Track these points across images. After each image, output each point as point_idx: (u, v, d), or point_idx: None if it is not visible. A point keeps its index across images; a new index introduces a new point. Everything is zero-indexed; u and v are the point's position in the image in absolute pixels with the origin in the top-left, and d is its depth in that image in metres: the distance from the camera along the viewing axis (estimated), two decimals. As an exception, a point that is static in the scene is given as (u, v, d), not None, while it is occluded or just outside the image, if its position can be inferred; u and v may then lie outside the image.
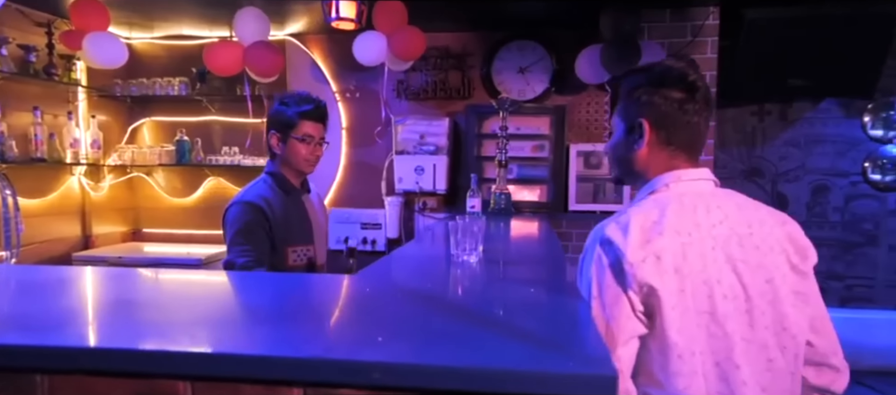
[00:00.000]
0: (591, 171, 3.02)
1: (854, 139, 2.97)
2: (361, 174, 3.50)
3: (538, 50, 3.23)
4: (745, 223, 0.95)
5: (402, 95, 3.40)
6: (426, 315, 0.81)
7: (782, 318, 0.93)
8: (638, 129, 1.03)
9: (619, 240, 0.93)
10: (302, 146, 1.68)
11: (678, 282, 0.90)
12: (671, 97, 1.00)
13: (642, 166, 1.05)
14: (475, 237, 1.30)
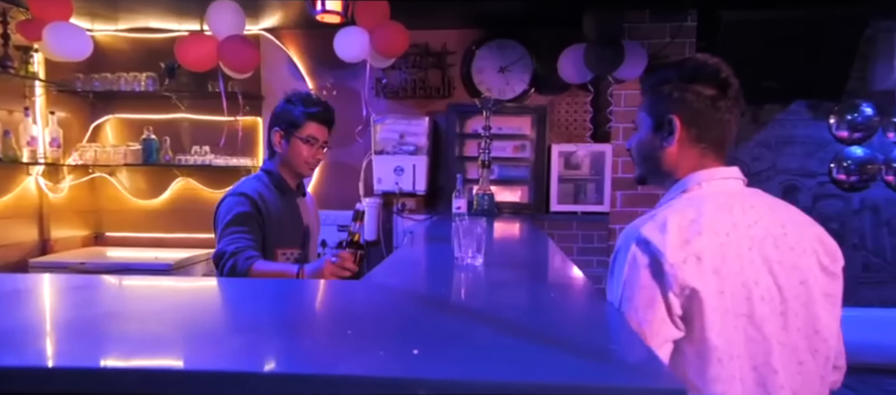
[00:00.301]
0: (572, 171, 3.03)
1: (822, 140, 3.08)
2: (338, 175, 3.42)
3: (518, 49, 3.22)
4: (778, 224, 0.94)
5: (381, 93, 3.34)
6: (454, 324, 0.77)
7: (814, 320, 0.92)
8: (667, 125, 1.00)
9: (658, 240, 0.90)
10: (305, 147, 1.64)
11: (717, 283, 0.88)
12: (703, 94, 0.97)
13: (671, 164, 1.02)
14: (479, 240, 1.27)
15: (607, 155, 2.88)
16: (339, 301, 0.92)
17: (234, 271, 1.40)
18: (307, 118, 1.63)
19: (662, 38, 2.82)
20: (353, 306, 0.89)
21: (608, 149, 2.87)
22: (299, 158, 1.66)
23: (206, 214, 3.48)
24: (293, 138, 1.63)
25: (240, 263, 1.40)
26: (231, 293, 1.02)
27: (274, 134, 1.65)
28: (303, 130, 1.63)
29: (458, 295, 1.02)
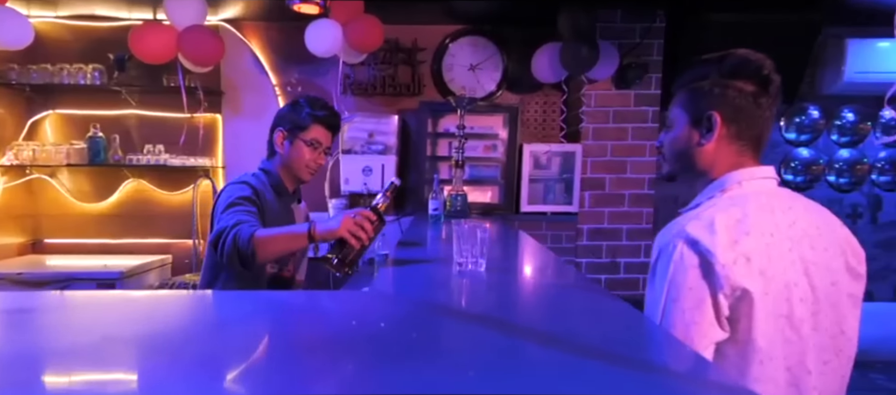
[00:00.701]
0: (541, 171, 3.04)
1: (773, 141, 3.23)
2: (304, 174, 3.29)
3: (489, 47, 3.21)
4: (813, 225, 0.95)
5: (349, 90, 3.24)
6: (496, 340, 0.73)
7: (841, 320, 0.94)
8: (707, 122, 0.99)
9: (707, 240, 0.88)
10: (308, 150, 1.59)
11: (763, 285, 0.88)
12: (745, 90, 0.96)
13: (707, 162, 1.00)
14: (482, 245, 1.23)
15: (577, 155, 2.91)
16: (365, 316, 0.86)
17: (237, 242, 1.29)
18: (314, 121, 1.58)
19: (632, 38, 2.88)
20: (378, 319, 0.83)
21: (578, 149, 2.90)
22: (301, 161, 1.61)
23: (160, 217, 3.31)
24: (297, 140, 1.59)
25: (242, 231, 1.30)
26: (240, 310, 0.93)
27: (276, 134, 1.60)
28: (308, 132, 1.58)
29: (481, 306, 0.97)
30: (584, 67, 2.58)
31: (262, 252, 1.29)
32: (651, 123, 2.93)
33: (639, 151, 2.93)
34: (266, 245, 1.29)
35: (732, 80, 0.97)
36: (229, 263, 1.31)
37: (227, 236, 1.32)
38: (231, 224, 1.34)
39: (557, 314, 0.91)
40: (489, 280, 1.12)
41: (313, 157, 1.62)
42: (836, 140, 3.23)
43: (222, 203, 1.46)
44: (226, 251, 1.31)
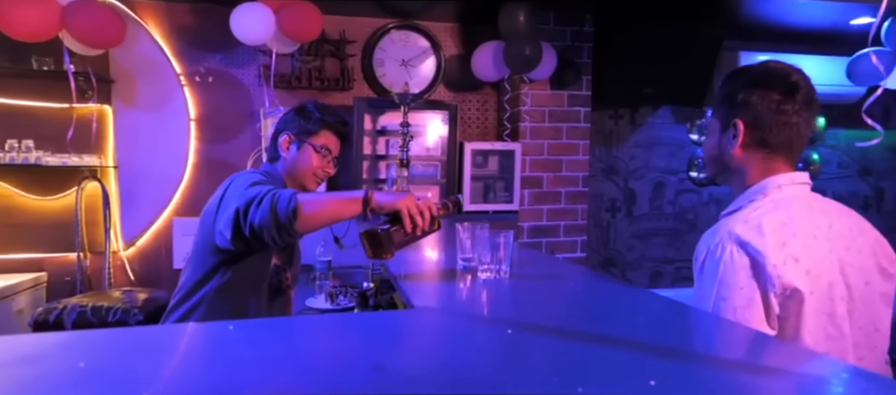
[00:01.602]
0: (480, 170, 3.01)
1: (681, 142, 3.53)
2: (218, 175, 2.88)
3: (421, 42, 3.11)
4: (847, 227, 1.00)
5: (269, 82, 2.94)
6: (606, 354, 0.65)
7: (876, 318, 0.99)
8: (733, 128, 1.03)
9: (757, 241, 0.91)
10: (316, 157, 1.48)
11: (809, 284, 0.92)
12: (769, 98, 1.00)
13: (738, 166, 1.05)
14: (506, 250, 1.13)
15: (517, 153, 2.92)
16: (440, 339, 0.72)
17: (275, 205, 1.11)
18: (324, 126, 1.49)
19: (564, 41, 2.96)
20: (456, 343, 0.70)
21: (518, 147, 2.91)
22: (308, 168, 1.47)
23: (29, 228, 2.72)
24: (305, 145, 1.46)
25: (282, 193, 1.13)
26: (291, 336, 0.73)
27: (282, 138, 1.49)
28: (317, 137, 1.48)
29: (540, 315, 0.88)
30: (528, 66, 2.58)
31: (305, 217, 1.11)
32: (583, 123, 3.03)
33: (573, 149, 3.02)
34: (311, 208, 1.12)
35: (756, 88, 1.01)
36: (258, 233, 1.11)
37: (263, 198, 1.12)
38: (264, 191, 1.15)
39: (619, 316, 0.87)
40: (526, 287, 1.04)
41: (321, 164, 1.49)
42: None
43: (242, 183, 1.26)
44: (258, 218, 1.11)
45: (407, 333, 0.73)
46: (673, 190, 3.52)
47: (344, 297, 2.11)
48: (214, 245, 1.29)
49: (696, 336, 0.74)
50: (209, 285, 1.34)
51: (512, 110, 2.94)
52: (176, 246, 2.85)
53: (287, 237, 1.13)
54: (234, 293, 1.35)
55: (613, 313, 0.92)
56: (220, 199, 1.29)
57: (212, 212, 1.31)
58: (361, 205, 1.15)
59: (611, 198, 3.41)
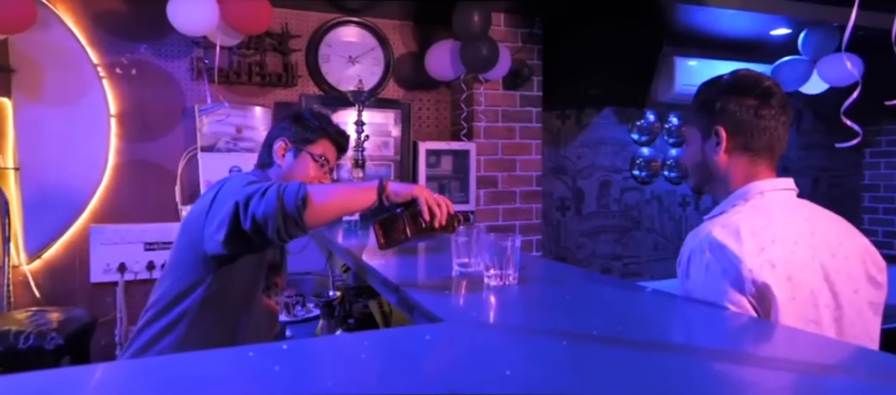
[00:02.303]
0: (435, 170, 2.93)
1: (624, 141, 3.63)
2: (142, 177, 2.63)
3: (369, 39, 2.98)
4: (833, 234, 1.00)
5: (203, 77, 2.68)
6: (668, 361, 0.61)
7: (867, 327, 0.99)
8: (715, 135, 1.04)
9: (734, 245, 0.91)
10: (313, 166, 1.39)
11: (790, 290, 0.91)
12: (746, 104, 1.01)
13: (722, 173, 1.06)
14: (514, 255, 1.05)
15: (472, 153, 2.86)
16: (483, 357, 0.63)
17: (282, 196, 1.01)
18: (323, 135, 1.42)
19: (515, 42, 2.94)
20: (499, 360, 0.61)
21: (473, 147, 2.86)
22: (304, 177, 1.38)
23: None
24: (303, 153, 1.38)
25: (289, 184, 1.03)
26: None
27: (277, 144, 1.40)
28: (316, 146, 1.40)
29: (588, 325, 0.81)
30: (485, 65, 2.54)
31: (316, 208, 1.02)
32: (535, 123, 3.03)
33: (526, 149, 3.01)
34: (322, 197, 1.03)
35: (734, 95, 1.03)
36: (261, 226, 1.01)
37: (268, 189, 1.02)
38: (268, 184, 1.05)
39: (656, 321, 0.85)
40: (543, 294, 0.98)
41: (318, 174, 1.40)
42: (670, 141, 3.77)
43: (239, 182, 1.13)
44: (262, 209, 1.00)
45: (459, 351, 0.63)
46: (618, 188, 3.61)
47: (302, 308, 1.94)
48: (202, 253, 1.15)
49: (746, 339, 0.70)
50: (193, 297, 1.17)
51: (468, 110, 2.87)
52: (93, 257, 2.53)
53: (294, 230, 1.01)
54: (221, 307, 1.19)
55: (651, 317, 0.89)
56: (210, 201, 1.16)
57: (199, 216, 1.16)
58: (376, 194, 1.08)
59: (561, 197, 3.44)
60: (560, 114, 3.45)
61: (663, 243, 3.75)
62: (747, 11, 2.91)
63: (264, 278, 1.29)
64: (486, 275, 1.03)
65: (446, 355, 0.61)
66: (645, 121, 3.67)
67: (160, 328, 1.15)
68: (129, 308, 2.58)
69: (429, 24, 3.01)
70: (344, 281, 1.94)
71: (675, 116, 3.74)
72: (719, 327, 0.81)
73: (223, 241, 1.05)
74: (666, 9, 2.92)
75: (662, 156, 3.73)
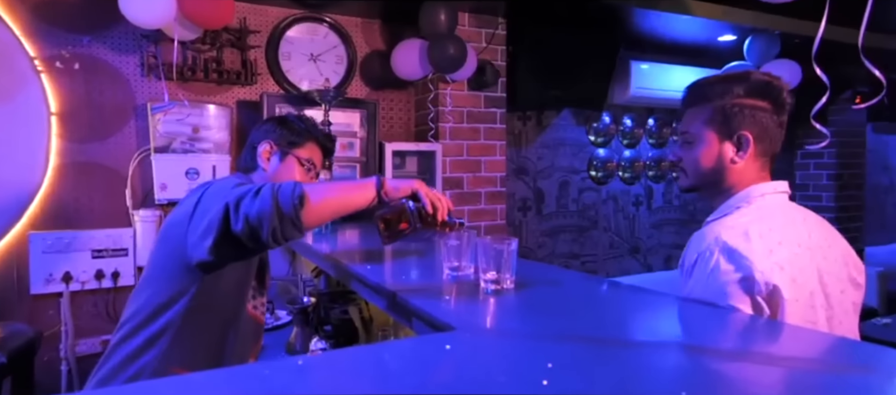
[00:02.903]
0: (400, 171, 2.90)
1: (582, 143, 3.73)
2: (89, 180, 2.46)
3: (331, 37, 2.92)
4: (823, 236, 1.04)
5: (154, 73, 2.54)
6: (699, 364, 0.61)
7: (853, 327, 1.04)
8: (743, 142, 1.03)
9: (744, 248, 0.93)
10: (299, 170, 1.34)
11: (795, 292, 0.94)
12: (770, 109, 1.02)
13: (736, 178, 1.05)
14: (510, 259, 1.05)
15: (438, 154, 2.85)
16: (540, 364, 0.62)
17: (277, 196, 0.96)
18: (310, 138, 1.37)
19: (480, 42, 2.96)
20: (567, 363, 0.61)
21: (439, 148, 2.85)
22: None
23: None
24: (289, 156, 1.32)
25: (284, 184, 0.99)
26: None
27: (262, 147, 1.33)
28: (303, 150, 1.35)
29: (607, 329, 0.82)
30: (455, 66, 2.53)
31: (313, 207, 0.98)
32: (499, 124, 3.06)
33: (491, 150, 3.03)
34: (319, 196, 0.99)
35: (761, 100, 1.03)
36: (254, 228, 0.96)
37: (261, 189, 0.97)
38: (260, 185, 1.00)
39: (667, 322, 0.85)
40: (545, 297, 0.98)
41: (304, 179, 1.35)
42: (624, 142, 3.90)
43: (226, 185, 1.08)
44: (255, 209, 0.95)
45: (487, 361, 0.62)
46: (576, 189, 3.70)
47: (270, 315, 1.87)
48: (185, 261, 1.08)
49: (757, 338, 0.73)
50: (175, 308, 1.09)
51: (435, 110, 2.86)
52: (34, 267, 2.35)
53: (291, 231, 0.97)
54: (207, 319, 1.11)
55: (663, 320, 0.89)
56: (193, 205, 1.08)
57: (181, 222, 1.08)
58: (375, 191, 1.05)
59: (522, 197, 3.49)
60: (521, 115, 3.50)
61: (618, 242, 3.87)
62: (697, 18, 3.05)
63: (251, 287, 1.23)
64: (483, 279, 1.03)
65: (474, 365, 0.60)
66: (601, 123, 3.78)
67: (140, 344, 1.07)
68: (75, 321, 2.41)
69: (394, 22, 2.98)
70: (315, 286, 1.89)
71: (628, 118, 3.87)
72: (732, 327, 0.82)
73: (211, 247, 0.99)
74: (622, 14, 3.02)
75: (617, 157, 3.86)
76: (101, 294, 2.47)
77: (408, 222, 1.04)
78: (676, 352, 0.66)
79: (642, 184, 3.95)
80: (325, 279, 1.91)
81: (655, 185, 4.00)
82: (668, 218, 4.04)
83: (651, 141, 3.98)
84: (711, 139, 1.06)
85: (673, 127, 4.02)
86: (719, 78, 1.08)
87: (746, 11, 3.13)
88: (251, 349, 1.25)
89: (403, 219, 1.04)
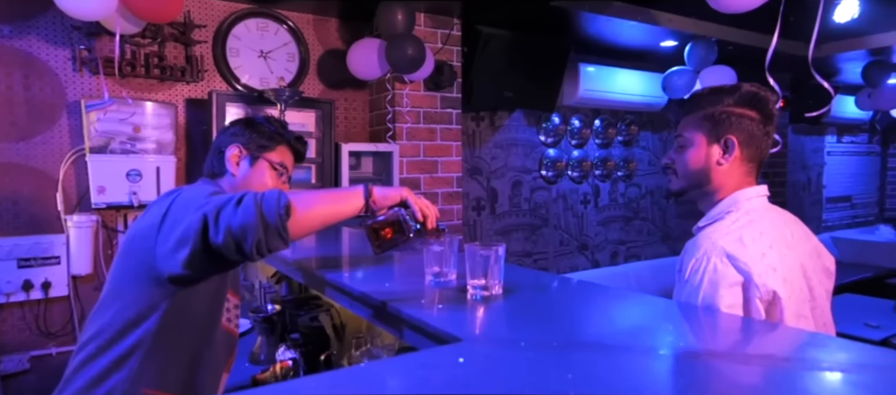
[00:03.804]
0: (357, 173, 2.84)
1: (533, 143, 3.79)
2: (12, 183, 2.25)
3: (282, 34, 2.82)
4: (801, 233, 1.12)
5: (88, 67, 2.36)
6: (714, 368, 0.63)
7: (828, 312, 1.12)
8: (725, 145, 1.09)
9: (741, 253, 0.98)
10: (271, 175, 1.27)
11: (786, 290, 1.00)
12: (757, 119, 1.09)
13: (720, 181, 1.11)
14: (499, 265, 1.04)
15: (395, 155, 2.82)
16: (563, 375, 0.62)
17: (262, 206, 0.91)
18: (281, 141, 1.29)
19: (436, 42, 2.95)
20: (595, 374, 0.61)
21: (396, 148, 2.82)
22: (262, 186, 1.24)
23: None
24: (260, 161, 1.25)
25: (267, 193, 0.93)
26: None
27: (231, 151, 1.24)
28: (274, 153, 1.27)
29: (615, 336, 0.83)
30: (414, 66, 2.51)
31: (300, 217, 0.93)
32: (455, 125, 3.06)
33: (447, 151, 3.03)
34: (305, 205, 0.95)
35: (748, 109, 1.10)
36: (238, 239, 0.89)
37: (242, 199, 0.90)
38: (241, 194, 0.93)
39: (661, 326, 0.86)
40: (539, 303, 0.98)
41: (277, 184, 1.27)
42: (573, 143, 4.01)
43: (198, 194, 0.99)
44: (238, 220, 0.89)
45: (510, 374, 0.60)
46: (528, 188, 3.77)
47: (228, 325, 1.78)
48: (155, 276, 0.99)
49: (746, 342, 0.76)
50: (145, 326, 1.00)
51: (393, 111, 2.83)
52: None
53: (276, 242, 0.91)
54: (180, 336, 1.03)
55: (661, 324, 0.91)
56: (162, 216, 0.99)
57: (148, 234, 0.99)
58: (363, 201, 1.01)
59: (476, 197, 3.52)
60: (475, 116, 3.52)
61: (568, 239, 3.98)
62: (641, 23, 3.17)
63: (226, 299, 1.16)
64: (472, 285, 1.02)
65: (498, 377, 0.59)
66: (551, 123, 3.87)
67: (107, 365, 0.98)
68: (0, 336, 2.20)
69: (348, 21, 2.91)
70: (276, 293, 1.81)
71: (576, 119, 3.98)
72: (741, 330, 0.85)
73: (186, 261, 0.92)
74: (572, 18, 3.09)
75: (567, 157, 3.96)
76: (29, 307, 2.27)
77: (402, 231, 1.01)
78: (697, 359, 0.67)
79: (590, 183, 4.08)
80: (286, 285, 1.83)
81: (602, 184, 4.14)
82: (614, 216, 4.20)
83: (598, 141, 4.12)
84: (700, 142, 1.12)
85: (618, 128, 4.18)
86: (714, 89, 1.15)
87: (685, 18, 3.29)
88: (225, 364, 1.18)
89: (397, 228, 1.01)
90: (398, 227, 1.01)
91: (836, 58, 4.12)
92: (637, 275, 4.10)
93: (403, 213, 1.02)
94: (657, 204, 4.43)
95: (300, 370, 1.45)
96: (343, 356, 1.47)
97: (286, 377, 1.43)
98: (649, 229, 4.39)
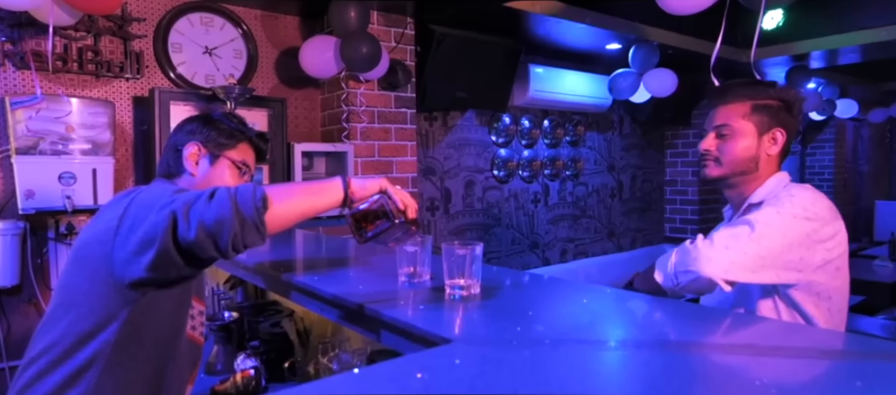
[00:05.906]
0: (309, 174, 2.77)
1: (485, 143, 3.83)
2: (-72, 189, 2.04)
3: (228, 29, 2.71)
4: None
5: (12, 61, 2.17)
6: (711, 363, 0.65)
7: None
8: (776, 137, 1.23)
9: (824, 218, 1.15)
10: (233, 174, 1.20)
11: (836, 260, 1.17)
12: (795, 114, 1.25)
13: (765, 169, 1.24)
14: (478, 262, 1.04)
15: (349, 155, 2.77)
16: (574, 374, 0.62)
17: (237, 200, 0.86)
18: (242, 139, 1.23)
19: (389, 41, 2.92)
20: (596, 370, 0.62)
21: (350, 148, 2.77)
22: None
23: None
24: (221, 159, 1.19)
25: (241, 187, 0.88)
26: None
27: (189, 149, 1.17)
28: (235, 151, 1.20)
29: (630, 332, 0.84)
30: (369, 65, 2.47)
31: (277, 210, 0.89)
32: (409, 125, 3.05)
33: (402, 151, 3.01)
34: (282, 198, 0.90)
35: (792, 108, 1.25)
36: (212, 235, 0.84)
37: (214, 193, 0.85)
38: (211, 190, 0.87)
39: (652, 322, 0.89)
40: (523, 303, 0.98)
41: (239, 183, 1.20)
42: (523, 143, 4.08)
43: (161, 193, 0.92)
44: (211, 216, 0.83)
45: (517, 374, 0.59)
46: (481, 188, 3.81)
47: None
48: (113, 282, 0.91)
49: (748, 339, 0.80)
50: (103, 337, 0.91)
51: (348, 110, 2.77)
52: None
53: (253, 237, 0.86)
54: (142, 347, 0.95)
55: (642, 317, 0.93)
56: (119, 218, 0.91)
57: (104, 239, 0.91)
58: (343, 193, 0.98)
59: (430, 197, 3.51)
60: (428, 116, 3.51)
61: (519, 238, 4.05)
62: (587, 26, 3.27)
63: (190, 305, 1.09)
64: (450, 285, 1.01)
65: (499, 378, 0.58)
66: (502, 124, 3.92)
67: (60, 381, 0.89)
68: None
69: (299, 16, 2.84)
70: (231, 299, 1.74)
71: (526, 119, 4.06)
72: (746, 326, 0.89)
73: (151, 263, 0.85)
74: (522, 19, 3.15)
75: (517, 156, 4.03)
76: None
77: (387, 218, 0.98)
78: (694, 351, 0.69)
79: (540, 182, 4.16)
80: (242, 291, 1.76)
81: (551, 183, 4.24)
82: (563, 214, 4.31)
83: (546, 141, 4.21)
84: (751, 132, 1.23)
85: (566, 128, 4.29)
86: (754, 81, 1.33)
87: (627, 22, 3.42)
88: (189, 376, 1.11)
89: (382, 216, 0.99)
90: (383, 215, 0.98)
91: (762, 63, 4.42)
92: (586, 272, 4.23)
93: (386, 200, 1.00)
94: (603, 202, 4.59)
95: (263, 379, 1.39)
96: (308, 362, 1.42)
97: (248, 386, 1.37)
98: (596, 227, 4.54)
